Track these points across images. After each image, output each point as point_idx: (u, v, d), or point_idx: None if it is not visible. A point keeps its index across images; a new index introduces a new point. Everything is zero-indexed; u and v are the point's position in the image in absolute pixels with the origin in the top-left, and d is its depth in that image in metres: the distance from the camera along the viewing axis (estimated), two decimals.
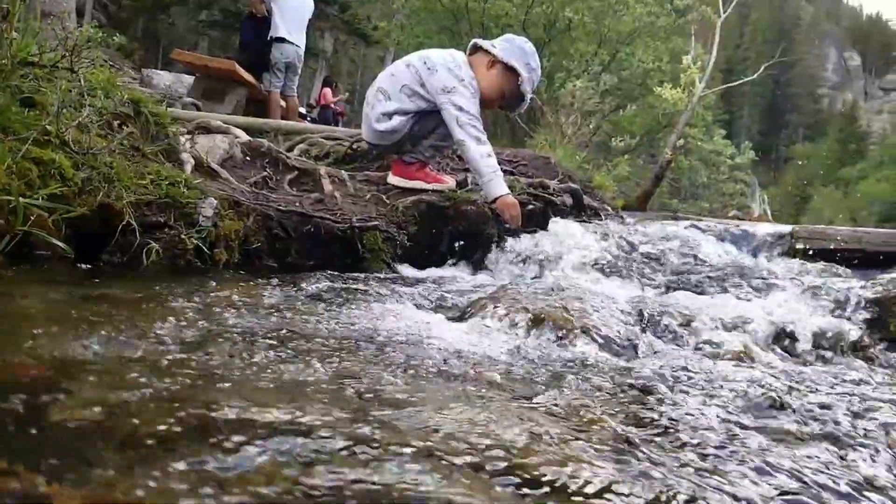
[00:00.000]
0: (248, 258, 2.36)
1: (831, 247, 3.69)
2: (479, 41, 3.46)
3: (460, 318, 1.82)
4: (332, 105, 15.63)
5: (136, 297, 1.57)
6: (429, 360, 1.28)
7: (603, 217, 4.26)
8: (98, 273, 1.84)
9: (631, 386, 1.29)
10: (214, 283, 1.83)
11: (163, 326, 1.26)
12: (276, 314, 1.54)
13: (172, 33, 28.21)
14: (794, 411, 1.22)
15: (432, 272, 2.88)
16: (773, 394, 1.27)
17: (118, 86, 2.32)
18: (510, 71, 3.31)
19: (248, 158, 3.18)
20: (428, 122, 3.35)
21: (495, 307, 1.79)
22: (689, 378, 1.40)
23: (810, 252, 3.64)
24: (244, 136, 3.34)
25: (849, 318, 2.43)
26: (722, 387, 1.34)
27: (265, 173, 3.06)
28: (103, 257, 1.96)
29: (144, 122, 2.47)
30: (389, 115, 3.34)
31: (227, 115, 5.80)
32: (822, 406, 1.28)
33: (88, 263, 1.89)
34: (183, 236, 2.06)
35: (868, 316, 2.41)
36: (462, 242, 3.17)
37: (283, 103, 7.89)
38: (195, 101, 7.10)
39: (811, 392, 1.39)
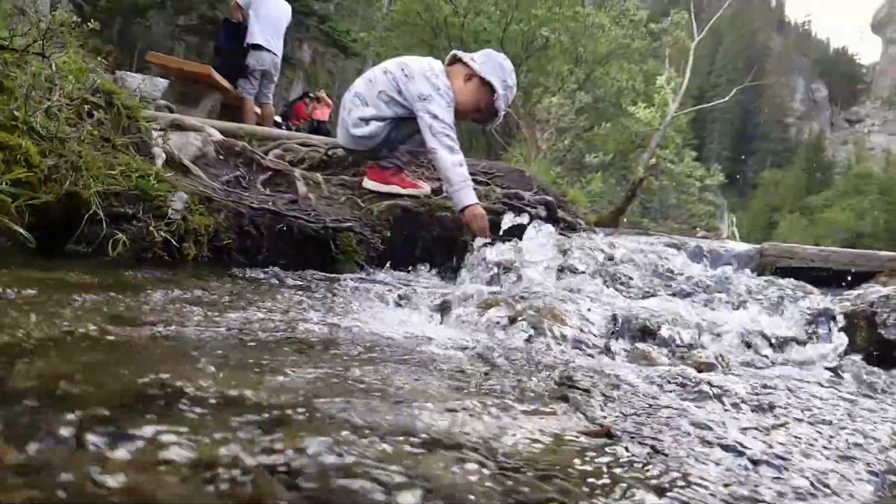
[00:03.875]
0: (219, 255, 2.31)
1: (800, 265, 3.75)
2: (459, 53, 3.46)
3: (434, 317, 1.80)
4: (314, 116, 15.59)
5: (92, 281, 1.52)
6: (398, 349, 1.26)
7: (577, 230, 4.28)
8: (62, 261, 1.78)
9: (600, 383, 1.28)
10: (178, 275, 1.79)
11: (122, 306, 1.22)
12: (235, 304, 1.51)
13: (148, 37, 27.89)
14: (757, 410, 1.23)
15: (406, 276, 2.86)
16: (735, 396, 1.28)
17: (89, 71, 2.27)
18: (486, 86, 3.31)
19: (221, 157, 3.14)
20: (405, 128, 3.34)
21: (470, 307, 1.78)
22: (656, 380, 1.39)
23: (779, 269, 3.70)
24: (218, 135, 3.30)
25: (816, 332, 2.47)
26: (686, 386, 1.34)
27: (238, 172, 3.02)
28: (68, 247, 1.91)
29: (116, 113, 2.42)
30: (366, 121, 3.32)
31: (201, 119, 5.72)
32: (781, 405, 1.29)
33: (52, 253, 1.83)
34: (151, 228, 2.02)
35: (836, 329, 2.45)
36: (437, 248, 3.15)
37: (258, 110, 7.82)
38: (169, 105, 7.00)
39: (774, 396, 1.39)
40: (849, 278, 3.57)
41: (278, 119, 12.88)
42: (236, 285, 1.85)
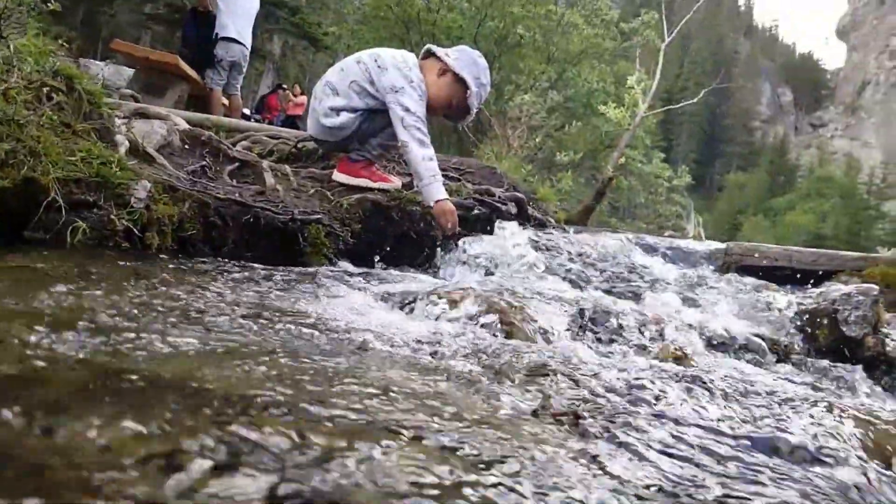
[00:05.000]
0: (183, 245, 2.26)
1: (763, 263, 3.81)
2: (434, 47, 3.43)
3: (403, 309, 1.78)
4: (288, 112, 15.44)
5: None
6: (364, 338, 1.23)
7: (547, 227, 4.30)
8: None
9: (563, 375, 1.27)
10: (138, 264, 1.74)
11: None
12: (195, 292, 1.47)
13: (113, 26, 27.29)
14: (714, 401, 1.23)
15: (375, 270, 2.83)
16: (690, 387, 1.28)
17: (49, 54, 2.19)
18: (460, 82, 3.28)
19: (187, 147, 3.07)
20: (377, 120, 3.30)
21: (439, 300, 1.76)
22: (623, 371, 1.39)
23: (743, 268, 3.76)
24: (184, 124, 3.23)
25: (780, 328, 2.50)
26: (650, 379, 1.34)
27: (204, 163, 2.95)
28: (25, 234, 1.84)
29: (77, 99, 2.34)
30: (337, 111, 3.27)
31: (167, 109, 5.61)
32: (744, 396, 1.30)
33: (8, 240, 1.77)
34: (113, 217, 1.96)
35: (798, 326, 2.49)
36: (407, 242, 3.13)
37: (226, 101, 7.70)
38: (134, 94, 6.84)
39: (735, 388, 1.40)
40: (809, 275, 3.65)
41: (246, 111, 12.73)
42: (198, 276, 1.81)
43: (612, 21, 18.31)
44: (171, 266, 1.86)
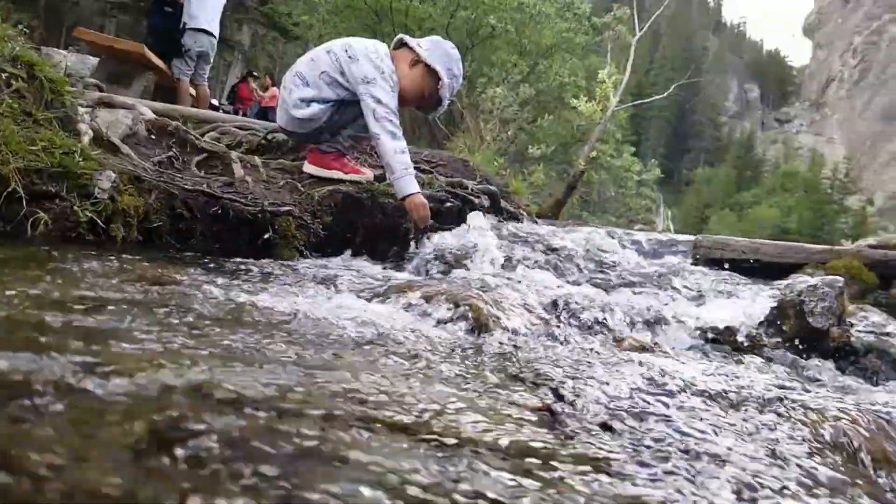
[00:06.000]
0: (150, 237, 2.21)
1: (732, 256, 3.87)
2: (405, 37, 3.38)
3: (375, 301, 1.76)
4: (263, 104, 15.28)
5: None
6: (340, 332, 1.21)
7: (519, 220, 4.30)
8: None
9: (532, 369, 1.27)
10: (99, 255, 1.69)
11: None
12: (160, 285, 1.44)
13: (77, 14, 26.63)
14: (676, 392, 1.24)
15: (348, 263, 2.80)
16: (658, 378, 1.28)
17: (7, 39, 2.12)
18: (432, 73, 3.24)
19: (153, 137, 3.00)
20: (348, 112, 3.25)
21: (412, 293, 1.74)
22: (595, 363, 1.39)
23: (711, 260, 3.81)
24: (150, 114, 3.16)
25: (747, 320, 2.53)
26: (618, 372, 1.35)
27: (171, 153, 2.89)
28: None
29: (39, 86, 2.28)
30: (307, 102, 3.22)
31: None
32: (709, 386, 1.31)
33: None
34: (76, 208, 1.91)
35: (765, 318, 2.52)
36: (379, 235, 3.10)
37: (193, 92, 7.57)
38: (98, 83, 6.68)
39: (703, 381, 1.41)
40: (780, 272, 3.71)
41: (215, 102, 12.54)
42: (166, 268, 1.77)
43: (584, 15, 18.38)
44: (129, 258, 1.81)
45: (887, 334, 2.55)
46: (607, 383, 1.23)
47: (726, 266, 3.62)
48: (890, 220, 64.05)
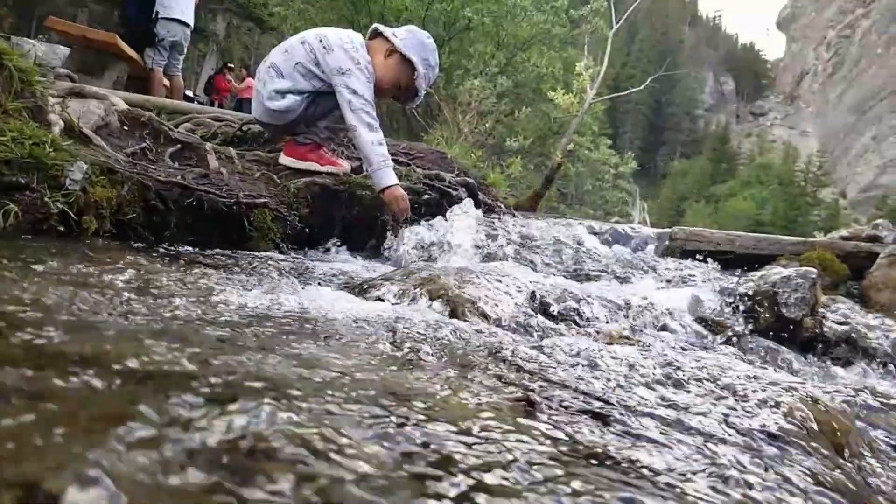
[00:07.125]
0: (122, 230, 2.18)
1: (708, 248, 3.91)
2: (381, 27, 3.36)
3: (355, 293, 1.75)
4: (240, 95, 15.21)
5: None
6: (318, 324, 1.21)
7: (497, 212, 4.31)
8: None
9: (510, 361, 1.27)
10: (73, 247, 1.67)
11: None
12: (132, 276, 1.42)
13: (48, 4, 26.12)
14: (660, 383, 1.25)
15: (324, 255, 2.79)
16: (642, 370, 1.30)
17: None
18: (407, 63, 3.23)
19: (126, 128, 2.96)
20: (324, 103, 3.23)
21: (391, 285, 1.74)
22: (574, 353, 1.40)
23: (687, 252, 3.85)
24: (123, 105, 3.11)
25: (723, 310, 2.57)
26: (597, 363, 1.36)
27: (145, 144, 2.85)
28: None
29: (8, 76, 2.23)
30: (282, 94, 3.19)
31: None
32: (685, 377, 1.32)
33: None
34: (46, 200, 1.88)
35: (741, 308, 2.55)
36: (356, 227, 3.09)
37: (167, 82, 7.47)
38: (70, 74, 6.56)
39: (679, 370, 1.43)
40: (755, 263, 3.76)
41: (189, 93, 12.39)
42: (138, 262, 1.75)
43: (561, 7, 18.41)
44: (98, 248, 1.79)
45: (858, 324, 2.60)
46: (583, 374, 1.24)
47: (703, 258, 3.67)
48: (862, 212, 65.11)
